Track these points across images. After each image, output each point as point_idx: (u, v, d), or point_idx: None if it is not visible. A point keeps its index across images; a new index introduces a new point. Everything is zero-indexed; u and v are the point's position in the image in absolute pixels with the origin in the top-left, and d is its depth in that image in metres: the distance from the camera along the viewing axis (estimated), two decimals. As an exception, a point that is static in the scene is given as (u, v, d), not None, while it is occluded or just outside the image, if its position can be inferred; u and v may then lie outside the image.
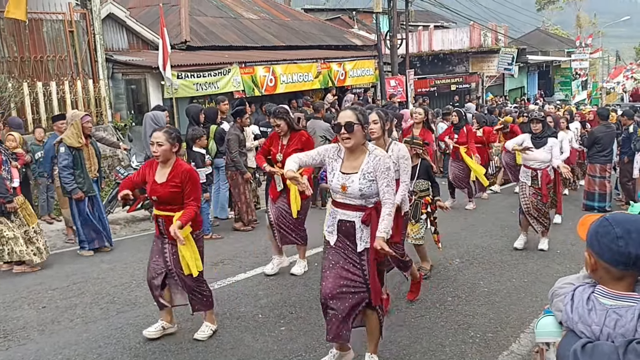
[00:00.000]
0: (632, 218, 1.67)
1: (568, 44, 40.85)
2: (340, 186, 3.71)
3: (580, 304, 1.67)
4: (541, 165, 7.02)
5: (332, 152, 3.85)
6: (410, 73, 19.90)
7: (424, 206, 5.85)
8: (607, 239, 1.64)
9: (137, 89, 12.82)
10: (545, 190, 7.01)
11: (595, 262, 1.69)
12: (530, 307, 5.26)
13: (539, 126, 6.99)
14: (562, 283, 1.86)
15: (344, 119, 3.63)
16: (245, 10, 19.62)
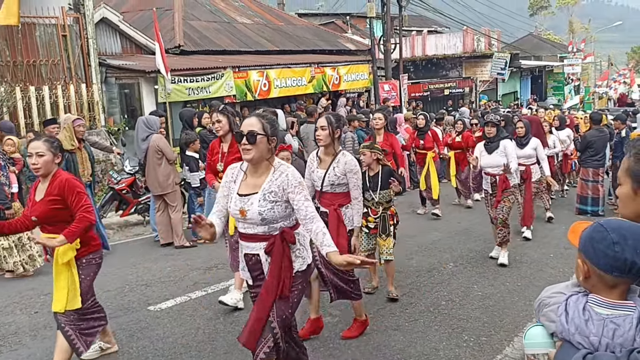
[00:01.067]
0: (627, 224, 1.65)
1: (560, 49, 41.10)
2: (239, 211, 3.13)
3: (576, 315, 1.63)
4: (497, 169, 6.69)
5: (232, 174, 3.28)
6: (404, 77, 19.96)
7: (391, 218, 5.48)
8: (602, 245, 1.62)
9: (130, 93, 12.79)
10: (499, 196, 6.68)
11: (589, 269, 1.66)
12: (523, 311, 5.26)
13: (493, 130, 6.70)
14: (550, 292, 1.81)
15: (246, 128, 3.09)
16: (239, 14, 19.64)
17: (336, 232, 4.34)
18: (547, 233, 8.24)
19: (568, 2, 64.86)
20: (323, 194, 4.54)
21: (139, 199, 9.00)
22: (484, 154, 6.79)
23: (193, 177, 7.75)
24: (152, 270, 6.66)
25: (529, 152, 7.79)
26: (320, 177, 4.51)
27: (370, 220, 5.42)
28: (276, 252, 3.10)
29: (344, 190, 4.50)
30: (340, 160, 4.46)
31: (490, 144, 6.77)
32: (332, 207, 4.51)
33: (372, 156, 5.32)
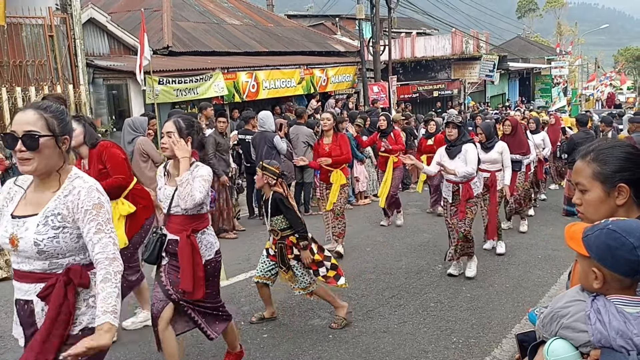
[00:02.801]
0: (634, 224, 1.63)
1: (548, 51, 41.46)
2: (8, 239, 2.25)
3: (613, 318, 1.59)
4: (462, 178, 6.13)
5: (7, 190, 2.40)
6: (393, 79, 20.01)
7: (289, 249, 4.79)
8: (622, 252, 1.59)
9: (118, 94, 12.70)
10: (462, 206, 6.09)
11: (606, 275, 1.63)
12: (512, 312, 5.28)
13: (454, 132, 6.08)
14: (563, 302, 1.74)
15: (21, 127, 2.18)
16: (228, 15, 19.59)
17: (190, 264, 3.58)
18: (535, 235, 8.28)
19: (555, 5, 65.47)
20: (171, 216, 3.69)
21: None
22: (445, 159, 6.16)
23: (181, 179, 7.70)
24: (139, 273, 6.59)
25: (494, 157, 7.05)
26: (169, 195, 3.69)
27: (272, 248, 4.96)
28: (54, 299, 2.20)
29: (198, 212, 3.68)
30: (194, 175, 3.58)
31: (452, 148, 6.14)
32: (183, 234, 3.61)
33: (263, 179, 4.71)
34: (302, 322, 5.06)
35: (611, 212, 1.85)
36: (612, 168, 1.83)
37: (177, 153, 3.56)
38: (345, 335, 4.77)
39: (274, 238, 4.86)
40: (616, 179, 1.82)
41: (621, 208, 1.83)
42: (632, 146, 1.88)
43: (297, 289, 4.88)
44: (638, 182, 1.83)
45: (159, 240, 3.74)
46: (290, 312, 5.29)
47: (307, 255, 4.74)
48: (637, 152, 1.86)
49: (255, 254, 7.25)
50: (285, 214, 4.74)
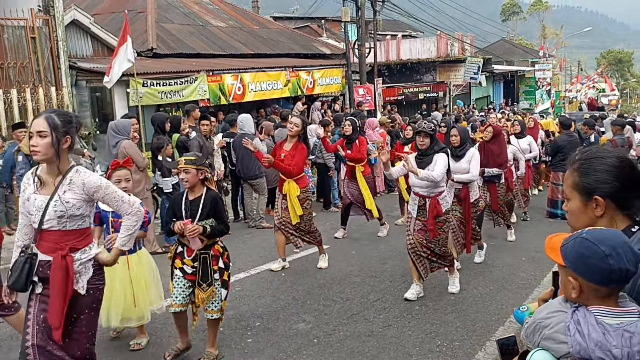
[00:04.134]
0: (609, 233, 1.64)
1: (532, 54, 41.83)
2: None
3: (592, 330, 1.59)
4: (428, 190, 5.56)
5: None
6: (379, 82, 20.06)
7: (215, 260, 4.19)
8: (595, 260, 1.60)
9: (102, 96, 12.60)
10: (432, 224, 5.53)
11: (582, 284, 1.64)
12: (495, 314, 5.31)
13: (426, 141, 5.55)
14: (545, 313, 1.74)
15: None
16: (213, 17, 19.52)
17: (63, 291, 3.02)
18: (519, 237, 8.32)
19: (539, 8, 66.13)
20: (43, 232, 3.10)
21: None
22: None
23: (165, 183, 7.65)
24: (123, 278, 6.53)
25: (465, 166, 6.38)
26: (40, 207, 3.07)
27: (186, 262, 4.19)
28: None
29: (80, 227, 3.13)
30: (74, 181, 3.09)
31: (422, 158, 5.60)
32: (58, 253, 3.05)
33: (199, 175, 4.15)
34: (286, 326, 5.04)
35: (590, 222, 1.85)
36: (589, 180, 1.83)
37: None
38: (329, 339, 4.76)
39: (189, 249, 4.14)
40: (592, 191, 1.82)
41: (602, 219, 1.83)
42: (618, 158, 1.84)
43: (211, 311, 4.24)
44: (620, 195, 1.80)
45: (28, 262, 3.11)
46: (274, 317, 5.27)
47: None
48: (620, 165, 1.83)
49: (239, 258, 7.22)
50: (220, 217, 4.18)
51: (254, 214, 9.00)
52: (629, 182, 1.81)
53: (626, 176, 1.81)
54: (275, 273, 6.58)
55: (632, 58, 76.96)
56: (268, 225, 8.69)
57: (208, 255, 4.18)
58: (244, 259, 7.17)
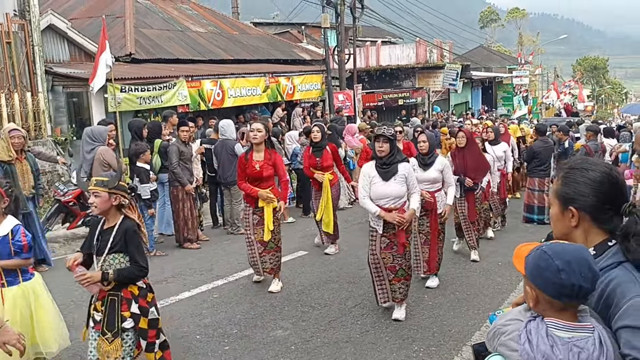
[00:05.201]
0: (569, 247, 1.66)
1: (509, 60, 42.42)
2: None
3: (541, 341, 1.61)
4: (395, 202, 5.11)
5: None
6: (358, 88, 20.15)
7: (125, 304, 3.39)
8: (548, 273, 1.62)
9: (79, 102, 12.46)
10: (402, 237, 5.12)
11: (538, 295, 1.67)
12: (472, 319, 5.35)
13: (386, 147, 4.99)
14: (505, 320, 1.78)
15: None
16: (192, 23, 19.45)
17: None
18: (495, 241, 8.42)
19: (517, 16, 67.09)
20: None
21: (86, 211, 8.75)
22: (377, 180, 5.11)
23: (143, 189, 7.58)
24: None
25: (434, 176, 6.04)
26: None
27: (97, 307, 3.45)
28: None
29: None
30: None
31: (385, 168, 5.07)
32: None
33: (111, 199, 3.39)
34: (264, 333, 5.03)
35: (567, 230, 1.86)
36: (567, 190, 1.83)
37: None
38: (307, 346, 4.76)
39: (101, 290, 3.39)
40: (568, 202, 1.82)
41: (577, 230, 1.83)
42: (602, 173, 1.81)
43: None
44: (596, 210, 1.79)
45: None
46: (252, 324, 5.25)
47: None
48: (601, 180, 1.79)
49: (218, 264, 7.20)
50: (133, 251, 3.39)
51: (232, 220, 8.98)
52: (607, 198, 1.78)
53: (605, 192, 1.78)
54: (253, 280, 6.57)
55: (607, 65, 78.60)
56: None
57: (117, 298, 3.38)
58: (222, 266, 7.14)
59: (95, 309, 3.45)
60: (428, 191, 6.02)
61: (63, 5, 17.56)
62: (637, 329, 1.58)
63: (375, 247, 5.19)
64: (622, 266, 1.71)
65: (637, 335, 1.57)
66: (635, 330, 1.58)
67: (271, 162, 6.04)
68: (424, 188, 5.95)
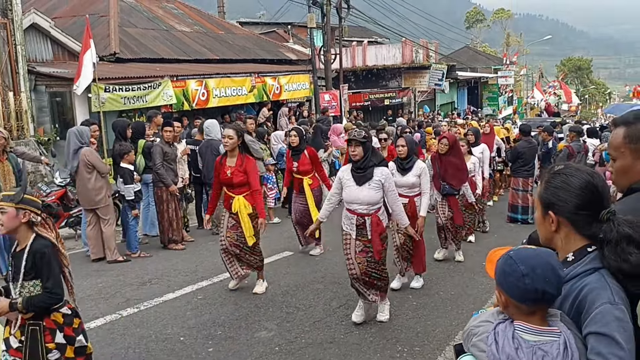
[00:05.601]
0: (534, 253, 1.68)
1: (495, 61, 42.72)
2: None
3: (506, 344, 1.65)
4: (368, 208, 4.96)
5: None
6: (344, 87, 20.17)
7: (48, 335, 3.07)
8: (513, 278, 1.65)
9: (62, 101, 12.34)
10: (378, 245, 4.97)
11: (506, 299, 1.70)
12: (456, 319, 5.38)
13: (358, 150, 4.86)
14: (477, 321, 1.82)
15: None
16: (177, 22, 19.35)
17: None
18: (480, 241, 8.47)
19: (502, 16, 67.60)
20: None
21: (69, 212, 8.68)
22: (350, 184, 5.00)
23: (127, 190, 7.53)
24: (82, 287, 6.39)
25: (412, 181, 5.97)
26: None
27: (16, 335, 3.09)
28: None
29: None
30: None
31: (359, 172, 4.93)
32: None
33: (19, 216, 3.00)
34: (248, 334, 5.02)
35: (547, 234, 1.88)
36: (548, 195, 1.85)
37: None
38: (291, 347, 4.75)
39: (21, 317, 3.04)
40: (548, 207, 1.84)
41: (557, 234, 1.84)
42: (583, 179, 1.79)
43: None
44: (576, 216, 1.79)
45: None
46: (236, 325, 5.24)
47: None
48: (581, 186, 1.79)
49: (202, 265, 7.17)
50: (43, 276, 3.03)
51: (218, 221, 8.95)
52: (586, 204, 1.77)
53: (585, 198, 1.77)
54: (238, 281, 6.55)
55: (591, 65, 79.47)
56: None
57: (39, 328, 3.04)
58: (207, 267, 7.12)
59: (12, 334, 3.09)
60: (407, 195, 5.97)
61: (46, 4, 17.39)
62: (603, 335, 1.60)
63: (351, 252, 5.07)
64: (598, 272, 1.73)
65: (602, 342, 1.60)
66: (600, 337, 1.60)
67: (242, 169, 5.80)
68: (403, 193, 5.91)
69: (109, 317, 5.45)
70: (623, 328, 1.59)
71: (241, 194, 5.84)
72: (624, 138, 2.00)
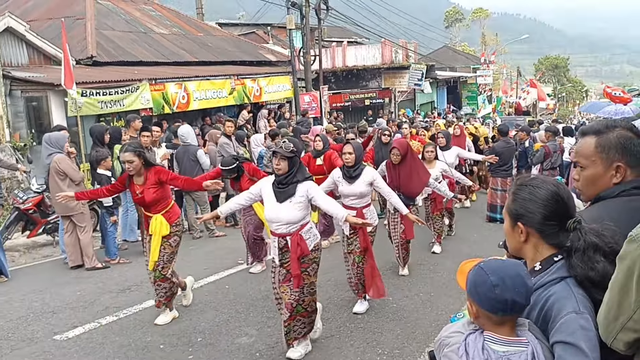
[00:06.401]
0: (504, 264, 1.72)
1: (474, 60, 43.09)
2: None
3: (476, 354, 1.68)
4: (289, 227, 4.39)
5: None
6: (324, 89, 20.18)
7: None
8: (484, 288, 1.68)
9: (38, 106, 12.17)
10: (296, 269, 4.33)
11: (477, 310, 1.73)
12: (435, 320, 5.43)
13: (283, 165, 4.32)
14: (448, 332, 1.86)
15: None
16: (156, 24, 19.19)
17: None
18: (460, 241, 8.55)
19: (480, 15, 68.23)
20: None
21: (47, 219, 8.57)
22: (270, 200, 4.43)
23: (105, 196, 7.46)
24: (60, 296, 6.34)
25: (360, 189, 5.46)
26: None
27: None
28: None
29: None
30: None
31: (280, 187, 4.38)
32: None
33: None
34: (228, 340, 5.01)
35: (517, 245, 1.92)
36: (516, 206, 1.88)
37: None
38: (272, 352, 4.75)
39: None
40: (516, 218, 1.88)
41: (526, 245, 1.88)
42: (549, 190, 1.84)
43: None
44: (543, 226, 1.83)
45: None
46: (217, 331, 5.22)
47: None
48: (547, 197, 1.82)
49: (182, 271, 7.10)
50: None
51: (197, 225, 8.94)
52: (553, 215, 1.82)
53: (551, 209, 1.82)
54: (219, 286, 6.54)
55: (567, 64, 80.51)
56: (221, 233, 9.06)
57: None
58: (186, 273, 7.01)
59: None
60: (354, 207, 5.46)
61: (21, 7, 17.14)
62: (569, 344, 1.63)
63: (275, 280, 4.62)
64: (564, 282, 1.76)
65: (568, 351, 1.63)
66: (566, 346, 1.64)
67: (153, 182, 5.28)
68: (351, 204, 5.49)
69: (88, 325, 5.40)
70: (588, 337, 1.63)
71: (159, 212, 5.32)
72: (595, 147, 2.01)
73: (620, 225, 1.74)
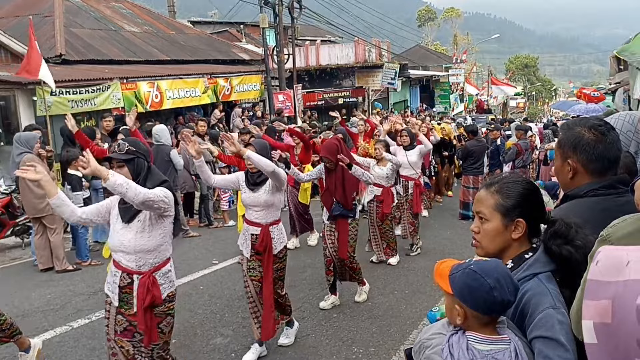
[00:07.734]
0: (495, 264, 1.74)
1: (446, 59, 43.54)
2: None
3: (461, 355, 1.68)
4: (138, 259, 3.43)
5: None
6: (298, 88, 20.15)
7: None
8: (481, 292, 1.68)
9: (5, 106, 11.88)
10: (140, 324, 3.45)
11: (466, 312, 1.73)
12: (410, 318, 5.47)
13: (124, 172, 3.33)
14: (429, 334, 1.85)
15: None
16: (126, 22, 18.93)
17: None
18: (433, 239, 8.63)
19: (452, 15, 68.95)
20: None
21: (15, 220, 8.40)
22: (115, 222, 3.43)
23: (76, 197, 7.33)
24: (30, 299, 6.21)
25: (265, 198, 4.50)
26: None
27: None
28: None
29: None
30: None
31: (121, 205, 3.41)
32: None
33: None
34: (203, 342, 4.98)
35: (505, 244, 1.93)
36: (513, 202, 1.90)
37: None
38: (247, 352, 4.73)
39: None
40: (515, 214, 1.90)
41: (516, 242, 1.91)
42: (529, 183, 1.96)
43: None
44: (534, 219, 1.92)
45: None
46: (192, 332, 5.19)
47: None
48: (530, 190, 1.93)
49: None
50: None
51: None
52: (536, 208, 1.92)
53: (533, 202, 1.92)
54: (194, 286, 6.49)
55: (537, 63, 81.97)
56: (195, 234, 9.04)
57: None
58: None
59: None
60: (258, 224, 4.52)
61: (-13, 3, 16.76)
62: (549, 339, 1.67)
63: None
64: (536, 278, 1.80)
65: (549, 345, 1.66)
66: (547, 340, 1.67)
67: None
68: (255, 218, 4.54)
69: (59, 329, 5.31)
70: (566, 331, 1.67)
71: None
72: (557, 142, 2.17)
73: (591, 226, 1.79)
